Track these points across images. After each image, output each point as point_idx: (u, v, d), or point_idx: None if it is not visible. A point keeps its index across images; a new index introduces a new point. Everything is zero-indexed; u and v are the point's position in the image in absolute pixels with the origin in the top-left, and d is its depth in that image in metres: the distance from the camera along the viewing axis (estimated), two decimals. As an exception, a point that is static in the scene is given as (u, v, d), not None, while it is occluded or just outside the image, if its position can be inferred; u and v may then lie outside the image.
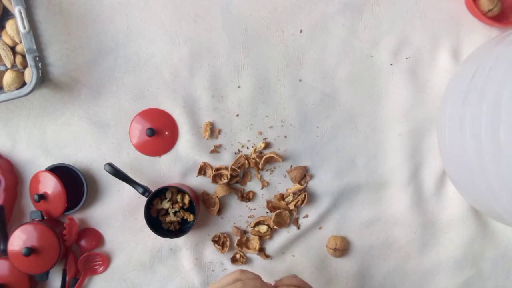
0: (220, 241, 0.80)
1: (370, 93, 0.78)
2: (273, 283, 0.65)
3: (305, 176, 0.79)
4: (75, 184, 0.79)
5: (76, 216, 0.80)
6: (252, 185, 0.80)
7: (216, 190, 0.79)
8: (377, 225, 0.79)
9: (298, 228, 0.79)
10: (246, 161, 0.78)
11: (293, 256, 0.80)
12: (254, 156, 0.78)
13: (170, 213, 0.76)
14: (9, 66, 0.77)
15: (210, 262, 0.80)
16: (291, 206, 0.78)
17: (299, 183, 0.79)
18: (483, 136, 0.59)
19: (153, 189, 0.77)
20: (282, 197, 0.79)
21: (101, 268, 0.80)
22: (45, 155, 0.80)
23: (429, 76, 0.78)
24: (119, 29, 0.78)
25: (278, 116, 0.79)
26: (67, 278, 0.79)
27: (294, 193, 0.79)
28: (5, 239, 0.76)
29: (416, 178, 0.78)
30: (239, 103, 0.79)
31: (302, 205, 0.78)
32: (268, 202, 0.79)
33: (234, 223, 0.80)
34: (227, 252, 0.79)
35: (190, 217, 0.76)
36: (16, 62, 0.78)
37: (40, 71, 0.74)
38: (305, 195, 0.78)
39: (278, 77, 0.78)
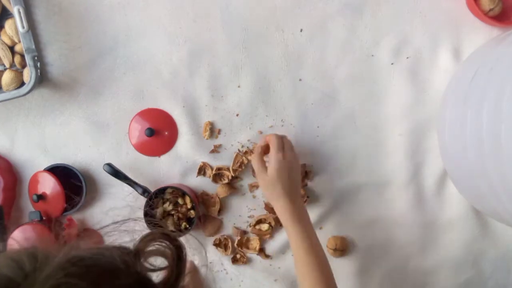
0: (221, 244, 0.79)
1: (371, 93, 0.78)
2: None
3: (305, 176, 0.79)
4: (74, 184, 0.78)
5: (75, 216, 0.79)
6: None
7: (218, 191, 0.78)
8: (377, 225, 0.79)
9: (298, 228, 0.79)
10: (244, 158, 0.78)
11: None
12: (254, 156, 0.78)
13: (171, 215, 0.76)
14: (7, 65, 0.77)
15: (210, 262, 0.80)
16: (291, 206, 0.78)
17: (299, 183, 0.78)
18: (484, 136, 0.59)
19: (152, 189, 0.76)
20: (282, 197, 0.79)
21: (100, 269, 0.80)
22: (44, 155, 0.79)
23: (429, 76, 0.78)
24: (119, 29, 0.78)
25: (278, 115, 0.79)
26: (67, 279, 0.79)
27: (294, 193, 0.78)
28: (4, 239, 0.76)
29: (416, 178, 0.78)
30: (239, 103, 0.78)
31: (302, 205, 0.78)
32: (266, 204, 0.79)
33: (234, 224, 0.80)
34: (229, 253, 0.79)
35: (192, 214, 0.76)
36: (15, 61, 0.77)
37: (39, 70, 0.74)
38: (305, 195, 0.77)
39: (278, 76, 0.78)
